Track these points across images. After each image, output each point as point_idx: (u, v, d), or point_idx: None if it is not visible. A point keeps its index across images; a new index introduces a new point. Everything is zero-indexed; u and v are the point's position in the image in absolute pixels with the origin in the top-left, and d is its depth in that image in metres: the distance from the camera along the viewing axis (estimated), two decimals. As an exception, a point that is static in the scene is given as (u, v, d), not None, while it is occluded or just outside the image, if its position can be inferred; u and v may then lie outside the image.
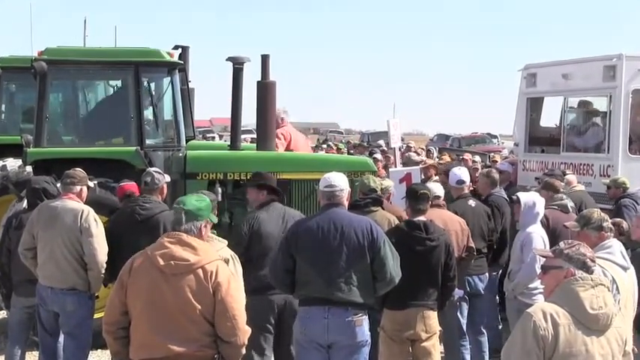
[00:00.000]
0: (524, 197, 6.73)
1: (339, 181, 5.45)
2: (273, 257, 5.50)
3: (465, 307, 7.19)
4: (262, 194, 6.41)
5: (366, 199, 6.72)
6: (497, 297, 8.14)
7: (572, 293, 3.66)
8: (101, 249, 6.28)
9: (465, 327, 7.18)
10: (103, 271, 6.30)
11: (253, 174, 6.77)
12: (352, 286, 5.16)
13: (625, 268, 5.15)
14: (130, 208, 6.54)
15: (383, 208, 6.83)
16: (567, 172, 8.92)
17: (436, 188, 7.10)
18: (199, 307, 4.14)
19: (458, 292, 6.83)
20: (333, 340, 5.23)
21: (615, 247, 5.27)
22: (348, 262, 5.16)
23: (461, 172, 7.86)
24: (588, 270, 3.75)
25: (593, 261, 3.82)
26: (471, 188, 8.47)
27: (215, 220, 4.70)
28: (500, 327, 8.28)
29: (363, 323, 5.27)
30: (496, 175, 8.65)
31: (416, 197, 5.99)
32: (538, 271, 6.29)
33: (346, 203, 5.48)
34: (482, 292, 7.51)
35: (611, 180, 8.86)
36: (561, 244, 3.93)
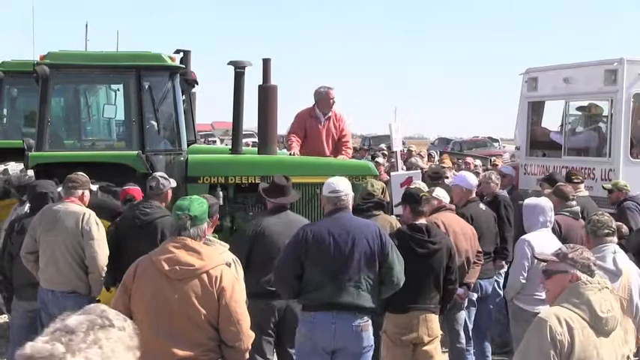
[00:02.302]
0: (527, 202, 6.71)
1: (344, 185, 5.43)
2: (279, 263, 5.43)
3: (473, 311, 7.19)
4: (269, 201, 6.32)
5: (367, 203, 6.70)
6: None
7: (584, 297, 3.64)
8: (102, 252, 6.28)
9: (470, 331, 7.18)
10: (104, 275, 6.31)
11: (273, 177, 6.58)
12: (361, 291, 5.17)
13: (615, 275, 5.14)
14: (131, 213, 6.57)
15: (385, 212, 6.81)
16: (575, 179, 8.89)
17: (443, 193, 7.10)
18: (204, 311, 4.13)
19: (471, 295, 6.84)
20: (339, 347, 5.22)
21: (607, 253, 5.27)
22: (359, 267, 5.16)
23: (471, 177, 7.89)
24: (592, 273, 3.75)
25: (595, 264, 3.83)
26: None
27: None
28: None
29: (369, 328, 5.28)
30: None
31: (416, 200, 5.99)
32: (520, 277, 6.32)
33: (351, 207, 5.49)
34: (490, 295, 7.54)
35: (612, 184, 8.86)
36: (563, 248, 3.91)
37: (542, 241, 6.39)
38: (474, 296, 6.93)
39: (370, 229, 5.30)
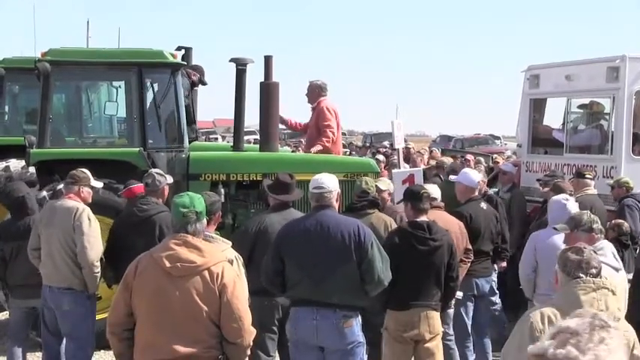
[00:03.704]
0: (555, 198, 6.66)
1: (328, 182, 5.40)
2: (264, 260, 5.48)
3: (471, 308, 7.18)
4: (272, 197, 6.34)
5: (362, 202, 6.67)
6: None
7: (573, 296, 3.66)
8: (92, 247, 6.28)
9: (469, 328, 7.18)
10: (96, 270, 6.32)
11: (277, 174, 6.60)
12: (339, 288, 5.14)
13: (616, 269, 5.16)
14: (129, 210, 6.60)
15: (380, 210, 6.78)
16: (587, 176, 8.87)
17: (433, 189, 7.09)
18: (205, 308, 4.13)
19: (458, 294, 6.83)
20: (323, 343, 5.23)
21: (607, 249, 5.30)
22: (334, 264, 5.13)
23: (474, 174, 7.86)
24: (572, 274, 3.74)
25: (584, 266, 3.78)
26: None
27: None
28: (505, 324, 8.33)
29: (353, 324, 5.22)
30: None
31: (417, 197, 5.98)
32: (525, 273, 6.33)
33: (336, 204, 5.42)
34: (488, 293, 7.53)
35: (614, 180, 8.86)
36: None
37: (553, 239, 6.38)
38: (460, 295, 6.89)
39: (348, 225, 5.22)
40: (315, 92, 9.88)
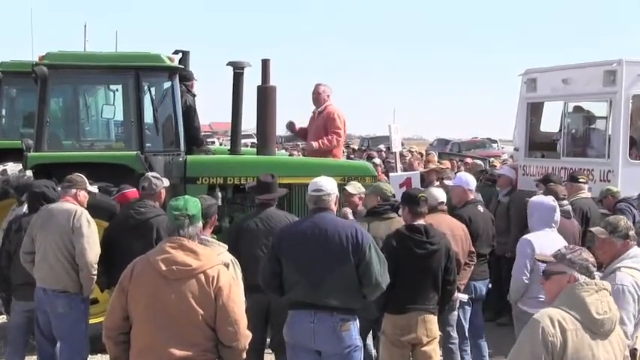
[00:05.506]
0: (532, 200, 6.68)
1: (327, 185, 5.40)
2: (262, 262, 5.49)
3: (469, 310, 7.19)
4: (256, 198, 6.54)
5: (384, 206, 6.66)
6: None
7: (579, 298, 3.65)
8: (91, 249, 6.28)
9: (467, 331, 7.18)
10: (94, 272, 6.31)
11: (259, 175, 6.77)
12: (337, 291, 5.12)
13: None
14: (125, 213, 6.59)
15: (399, 215, 6.78)
16: (581, 180, 8.91)
17: (439, 193, 7.09)
18: (201, 312, 4.12)
19: (462, 297, 6.83)
20: (320, 348, 5.21)
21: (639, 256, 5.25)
22: (332, 266, 5.12)
23: (469, 178, 7.88)
24: (590, 275, 3.75)
25: (594, 266, 3.82)
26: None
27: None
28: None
29: (351, 328, 5.20)
30: None
31: (415, 201, 5.98)
32: (523, 278, 6.28)
33: (334, 207, 5.42)
34: (485, 297, 7.53)
35: (600, 193, 8.90)
36: (563, 249, 3.93)
37: (544, 241, 6.31)
38: (465, 297, 6.91)
39: (346, 228, 5.22)
40: (324, 95, 10.04)
